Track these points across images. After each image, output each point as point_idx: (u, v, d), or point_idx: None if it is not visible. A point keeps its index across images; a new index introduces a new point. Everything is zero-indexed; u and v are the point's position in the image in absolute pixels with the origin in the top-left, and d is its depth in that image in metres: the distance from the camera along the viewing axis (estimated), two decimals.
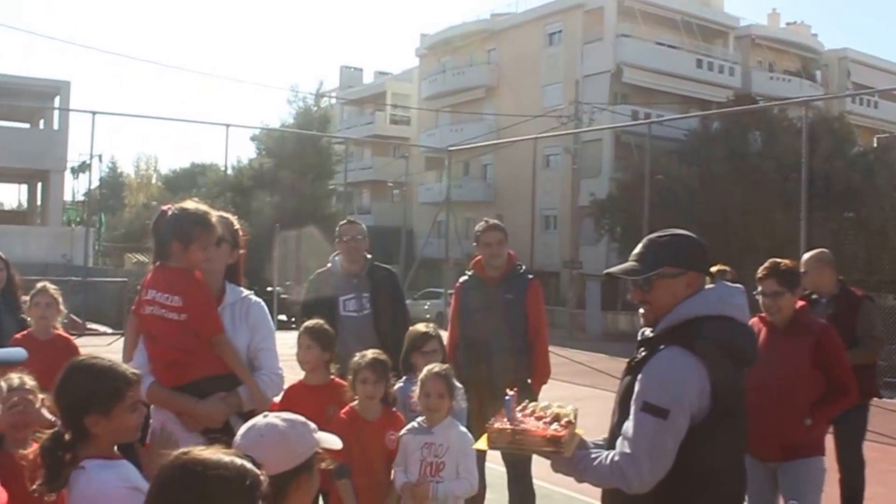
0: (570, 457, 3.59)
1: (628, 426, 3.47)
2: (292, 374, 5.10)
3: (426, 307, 38.33)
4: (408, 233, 46.54)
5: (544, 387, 7.35)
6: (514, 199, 44.15)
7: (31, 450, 3.50)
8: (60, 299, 6.94)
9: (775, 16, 62.26)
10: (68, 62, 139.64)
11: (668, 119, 34.72)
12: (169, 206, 4.76)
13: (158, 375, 4.55)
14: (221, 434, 4.05)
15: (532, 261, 26.98)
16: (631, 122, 39.46)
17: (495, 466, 7.23)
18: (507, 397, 3.75)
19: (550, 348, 7.64)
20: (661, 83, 49.64)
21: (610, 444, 3.63)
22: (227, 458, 2.32)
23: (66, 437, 3.34)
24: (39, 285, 6.96)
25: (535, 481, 7.18)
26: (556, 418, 3.68)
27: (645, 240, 3.77)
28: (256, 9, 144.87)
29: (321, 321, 5.86)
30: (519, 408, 3.81)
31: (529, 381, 7.13)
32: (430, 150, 51.90)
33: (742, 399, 3.58)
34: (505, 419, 3.71)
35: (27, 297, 7.06)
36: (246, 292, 4.83)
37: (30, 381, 4.34)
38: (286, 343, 4.97)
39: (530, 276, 7.49)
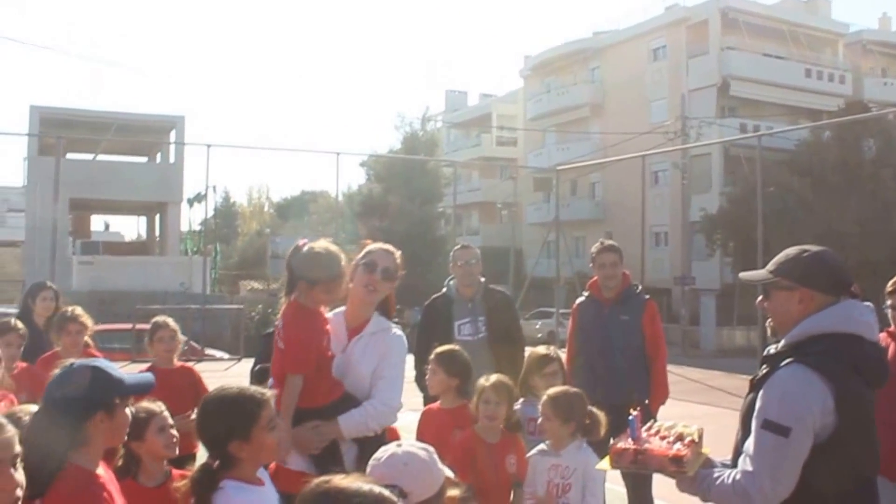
0: (694, 476, 3.57)
1: (749, 444, 3.44)
2: (408, 397, 5.12)
3: (537, 327, 38.23)
4: (517, 253, 46.52)
5: (662, 407, 7.31)
6: (623, 217, 43.74)
7: (183, 482, 3.68)
8: (179, 332, 7.07)
9: (886, 20, 60.70)
10: (182, 98, 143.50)
11: (778, 131, 34.11)
12: (305, 241, 4.82)
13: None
14: (330, 461, 4.28)
15: (643, 278, 26.73)
16: (739, 135, 38.86)
17: (615, 487, 7.11)
18: (630, 417, 3.76)
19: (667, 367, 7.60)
20: (769, 94, 48.86)
21: (734, 461, 3.60)
22: (365, 487, 2.36)
23: (214, 466, 3.54)
24: (160, 320, 7.07)
25: (656, 502, 7.07)
26: (680, 437, 3.68)
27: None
28: (362, 37, 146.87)
29: (453, 347, 5.88)
30: (644, 427, 3.81)
31: (647, 401, 7.04)
32: (537, 171, 51.88)
33: (870, 417, 3.47)
34: (629, 439, 3.71)
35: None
36: (389, 325, 4.89)
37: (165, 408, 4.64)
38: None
39: (646, 297, 7.50)
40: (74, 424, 3.18)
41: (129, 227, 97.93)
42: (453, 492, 3.17)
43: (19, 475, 2.73)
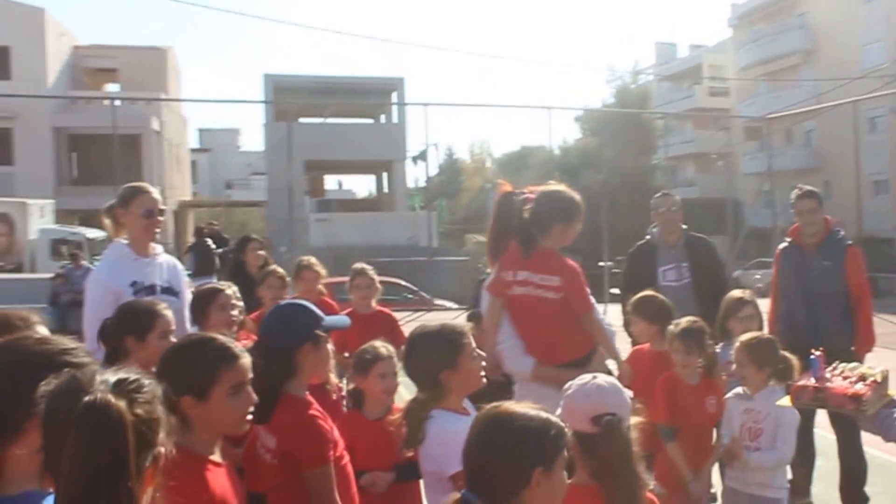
0: (874, 415, 3.58)
1: None
2: (621, 344, 5.38)
3: (757, 277, 37.91)
4: (734, 203, 46.50)
5: (872, 356, 6.84)
6: (839, 165, 42.61)
7: (396, 416, 3.97)
8: (377, 279, 7.46)
9: None
10: (402, 61, 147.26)
11: None
12: (531, 191, 5.02)
13: (538, 356, 4.82)
14: None
15: (860, 227, 26.81)
16: None
17: (825, 434, 7.22)
18: (812, 357, 3.85)
19: (884, 316, 7.64)
20: None
21: None
22: (533, 412, 2.54)
23: (425, 397, 3.78)
24: (358, 267, 7.51)
25: (869, 450, 7.01)
26: (862, 378, 3.70)
27: None
28: None
29: (647, 293, 5.99)
30: (828, 368, 3.85)
31: (853, 348, 6.89)
32: (749, 120, 51.25)
33: None
34: (811, 378, 3.80)
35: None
36: None
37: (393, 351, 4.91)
38: (616, 315, 5.23)
39: (849, 242, 7.38)
40: (286, 354, 3.52)
41: (361, 185, 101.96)
42: (635, 419, 3.29)
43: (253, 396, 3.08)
